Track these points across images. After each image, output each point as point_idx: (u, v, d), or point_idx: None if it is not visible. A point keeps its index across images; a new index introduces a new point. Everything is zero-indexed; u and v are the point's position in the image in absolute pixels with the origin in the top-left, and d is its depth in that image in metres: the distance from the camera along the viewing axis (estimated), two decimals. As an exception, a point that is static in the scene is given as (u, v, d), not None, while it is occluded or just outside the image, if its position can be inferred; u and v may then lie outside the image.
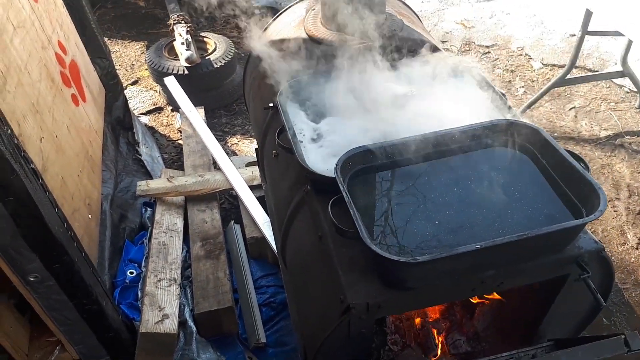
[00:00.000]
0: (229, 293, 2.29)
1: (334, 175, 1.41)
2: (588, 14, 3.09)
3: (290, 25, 2.22)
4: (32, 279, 1.59)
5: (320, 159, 1.71)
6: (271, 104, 1.92)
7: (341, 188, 1.36)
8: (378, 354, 1.82)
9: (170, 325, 2.08)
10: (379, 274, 1.31)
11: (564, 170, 1.43)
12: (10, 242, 1.47)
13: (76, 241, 1.72)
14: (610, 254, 2.82)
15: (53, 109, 2.35)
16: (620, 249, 2.85)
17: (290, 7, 2.33)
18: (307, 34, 2.09)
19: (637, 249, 2.84)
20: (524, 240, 1.23)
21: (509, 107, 1.73)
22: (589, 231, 1.44)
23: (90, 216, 2.47)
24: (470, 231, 1.38)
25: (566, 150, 1.45)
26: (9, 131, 1.39)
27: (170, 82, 3.61)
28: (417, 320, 1.96)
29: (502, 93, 1.83)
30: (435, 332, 1.94)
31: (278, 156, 1.93)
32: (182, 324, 2.22)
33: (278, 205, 1.92)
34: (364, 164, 1.52)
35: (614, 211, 3.06)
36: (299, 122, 1.84)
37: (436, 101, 1.83)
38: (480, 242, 1.19)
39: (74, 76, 2.83)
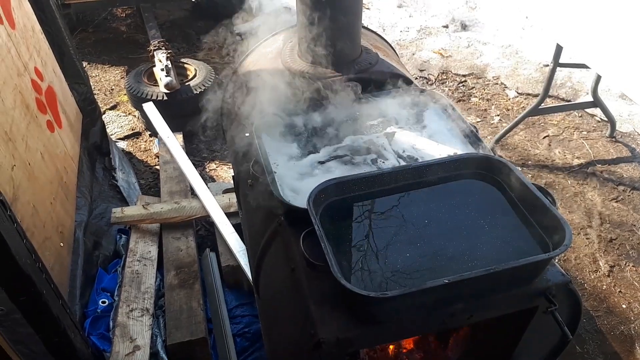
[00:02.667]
0: (203, 323, 2.25)
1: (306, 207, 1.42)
2: (559, 48, 3.18)
3: (268, 56, 2.25)
4: (-3, 312, 1.55)
5: (294, 189, 1.72)
6: (247, 134, 1.93)
7: (313, 220, 1.37)
8: (351, 386, 1.80)
9: (141, 358, 2.04)
10: (350, 308, 1.31)
11: (532, 204, 1.46)
12: (-25, 274, 1.44)
13: (45, 272, 1.69)
14: (582, 282, 2.87)
15: (27, 136, 2.33)
16: (592, 277, 2.89)
17: (267, 38, 2.36)
18: (283, 65, 2.12)
19: (608, 276, 2.89)
20: (492, 274, 1.25)
21: (480, 140, 1.76)
22: (556, 264, 1.47)
23: (62, 244, 2.43)
24: (441, 264, 1.40)
25: (533, 183, 1.48)
26: (-23, 162, 1.38)
27: (149, 108, 3.61)
28: (391, 350, 1.96)
29: (473, 126, 1.87)
30: (409, 363, 1.93)
31: (253, 186, 1.93)
32: (153, 355, 2.17)
33: (252, 235, 1.91)
34: (337, 196, 1.53)
35: (587, 239, 3.12)
36: (274, 153, 1.85)
37: (410, 135, 1.87)
38: (448, 277, 1.21)
39: (50, 102, 2.81)
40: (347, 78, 1.96)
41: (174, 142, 3.30)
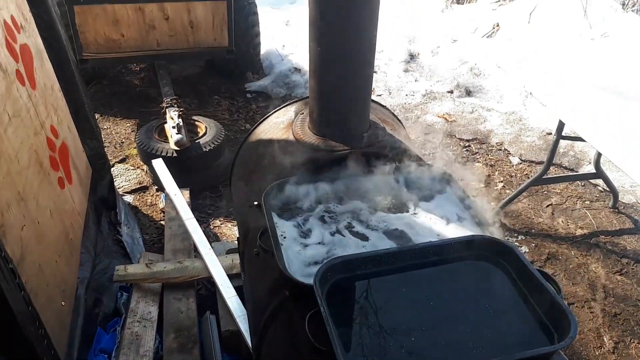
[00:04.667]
0: (201, 392, 2.22)
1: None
2: (561, 123, 3.27)
3: (279, 126, 2.31)
4: (-4, 379, 1.54)
5: (301, 264, 1.73)
6: (256, 202, 1.96)
7: (319, 302, 1.37)
8: None
9: None
10: (354, 394, 1.30)
11: (537, 292, 1.46)
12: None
13: (46, 338, 1.68)
14: (587, 358, 2.82)
15: (38, 194, 2.36)
16: (597, 353, 2.84)
17: (280, 108, 2.44)
18: (294, 136, 2.18)
19: (613, 352, 2.84)
20: (497, 365, 1.25)
21: (487, 223, 1.79)
22: (561, 352, 1.46)
23: (63, 303, 2.42)
24: (445, 350, 1.39)
25: (539, 270, 1.49)
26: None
27: (158, 164, 3.67)
28: None
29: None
30: None
31: (259, 255, 1.95)
32: None
33: (255, 305, 1.91)
34: (344, 274, 1.54)
35: (590, 312, 3.08)
36: (282, 224, 1.88)
37: (418, 215, 1.90)
38: (453, 370, 1.20)
39: (62, 159, 2.87)
40: (354, 152, 2.01)
41: (181, 200, 3.33)
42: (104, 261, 3.13)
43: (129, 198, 4.01)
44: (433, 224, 1.85)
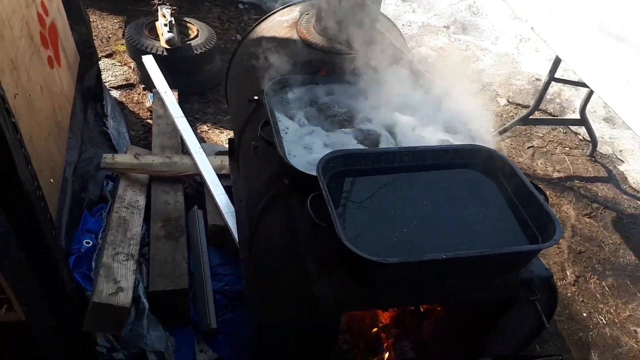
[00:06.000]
0: (185, 275, 2.29)
1: (313, 173, 1.48)
2: (557, 61, 3.29)
3: (283, 25, 2.27)
4: (-8, 232, 1.56)
5: (301, 157, 1.76)
6: (256, 97, 1.96)
7: (321, 185, 1.42)
8: (330, 350, 1.87)
9: (124, 299, 2.06)
10: (348, 271, 1.37)
11: (526, 199, 1.54)
12: (-19, 192, 1.45)
13: (43, 201, 1.70)
14: (548, 287, 3.01)
15: (29, 67, 2.30)
16: (558, 284, 3.03)
17: (284, 7, 2.38)
18: (299, 36, 2.15)
19: (574, 285, 3.04)
20: (484, 257, 1.33)
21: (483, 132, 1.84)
22: (541, 258, 1.56)
23: (52, 180, 2.42)
24: (435, 243, 1.47)
25: (530, 181, 1.57)
26: (-2, 82, 1.38)
27: (148, 61, 3.58)
28: (368, 323, 2.04)
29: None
30: (384, 336, 2.02)
31: (257, 148, 1.97)
32: (134, 299, 2.20)
33: (251, 196, 1.96)
34: (344, 167, 1.58)
35: (557, 248, 3.26)
36: (283, 120, 1.89)
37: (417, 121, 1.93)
38: (446, 253, 1.28)
39: (52, 38, 2.77)
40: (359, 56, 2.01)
41: (171, 98, 3.29)
42: (89, 150, 3.11)
43: (115, 93, 3.92)
44: (426, 131, 1.90)
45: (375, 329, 2.01)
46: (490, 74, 5.02)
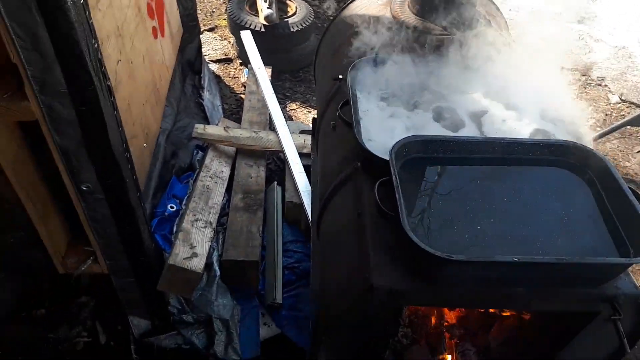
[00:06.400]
0: (258, 248, 2.35)
1: (386, 158, 1.43)
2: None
3: (377, 2, 2.21)
4: (84, 188, 1.68)
5: (377, 140, 1.72)
6: (340, 76, 1.93)
7: (392, 171, 1.37)
8: (386, 342, 1.84)
9: (198, 264, 2.16)
10: (410, 263, 1.32)
11: (622, 206, 1.39)
12: (75, 149, 1.56)
13: (131, 163, 1.80)
14: (643, 306, 2.73)
15: (134, 36, 2.43)
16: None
17: (381, -15, 2.31)
18: (392, 15, 2.08)
19: (673, 308, 2.73)
20: (560, 264, 1.22)
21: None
22: (631, 274, 1.41)
23: (145, 145, 2.57)
24: (510, 244, 1.37)
25: (630, 188, 1.41)
26: (96, 45, 1.46)
27: (246, 36, 3.67)
28: (433, 320, 1.97)
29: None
30: (447, 336, 1.94)
31: (335, 128, 1.95)
32: (207, 265, 2.30)
33: (324, 175, 1.94)
34: (420, 154, 1.52)
35: (659, 265, 2.94)
36: (365, 101, 1.85)
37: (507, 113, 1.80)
38: (518, 256, 1.19)
39: (158, 9, 2.92)
40: (453, 38, 1.90)
41: (263, 74, 3.35)
42: (184, 119, 3.26)
43: (213, 67, 4.07)
44: (517, 122, 1.76)
45: (438, 328, 1.93)
46: (604, 68, 4.60)
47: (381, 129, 1.74)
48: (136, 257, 2.01)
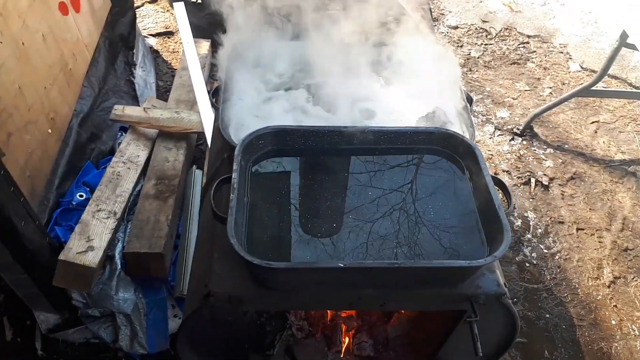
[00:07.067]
0: (164, 239, 2.24)
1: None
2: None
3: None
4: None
5: (251, 127, 1.59)
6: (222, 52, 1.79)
7: (234, 167, 1.25)
8: (273, 338, 1.75)
9: (92, 259, 2.05)
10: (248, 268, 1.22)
11: (484, 198, 1.28)
12: None
13: (3, 169, 1.68)
14: (576, 286, 2.66)
15: (26, 14, 2.27)
16: (590, 284, 2.66)
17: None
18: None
19: (608, 287, 2.66)
20: (400, 268, 1.12)
21: (469, 114, 1.56)
22: (497, 271, 1.31)
23: (50, 131, 2.44)
24: (365, 242, 1.27)
25: (493, 177, 1.29)
26: None
27: (178, 8, 3.47)
28: (329, 312, 1.88)
29: (469, 98, 1.65)
30: (344, 328, 1.86)
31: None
32: (110, 258, 2.20)
33: (209, 164, 1.83)
34: (279, 146, 1.40)
35: (599, 242, 2.85)
36: (242, 81, 1.71)
37: (393, 94, 1.67)
38: (345, 262, 1.08)
39: (68, -16, 2.74)
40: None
41: (192, 49, 3.19)
42: (111, 99, 3.11)
43: (152, 41, 3.89)
44: (409, 107, 1.63)
45: (335, 320, 1.85)
46: (566, 35, 4.41)
47: (256, 116, 1.62)
48: (20, 253, 1.91)
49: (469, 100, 1.63)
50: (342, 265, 1.07)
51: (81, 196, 2.45)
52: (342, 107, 1.59)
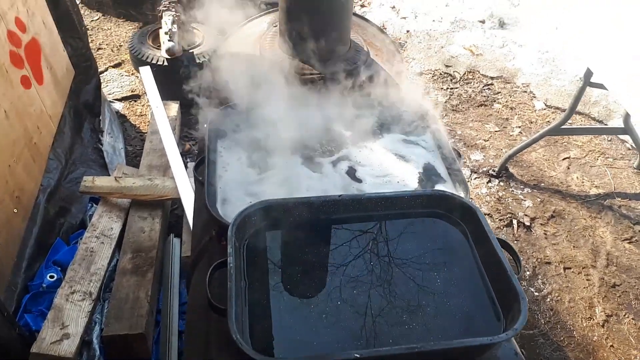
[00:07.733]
0: (145, 317, 2.10)
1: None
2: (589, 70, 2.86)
3: (248, 39, 2.02)
4: None
5: (240, 202, 1.52)
6: (205, 125, 1.72)
7: (229, 250, 1.17)
8: None
9: (69, 348, 1.90)
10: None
11: (493, 264, 1.22)
12: None
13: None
14: (572, 328, 2.62)
15: (-13, 91, 2.18)
16: (584, 324, 2.63)
17: (254, 18, 2.13)
18: (261, 53, 1.90)
19: (602, 326, 2.63)
20: (421, 353, 1.04)
21: (459, 173, 1.52)
22: (512, 339, 1.24)
23: (16, 210, 2.30)
24: (372, 325, 1.19)
25: (499, 239, 1.24)
26: None
27: (145, 72, 3.43)
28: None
29: (458, 153, 1.62)
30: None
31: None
32: (87, 343, 2.04)
33: (193, 240, 1.73)
34: (269, 221, 1.32)
35: (587, 280, 2.84)
36: (227, 153, 1.64)
37: (381, 155, 1.63)
38: (360, 352, 1.00)
39: (31, 57, 2.65)
40: (322, 78, 1.73)
41: (162, 113, 3.12)
42: (79, 169, 2.99)
43: (118, 106, 3.81)
44: (399, 170, 1.59)
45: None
46: (528, 74, 4.55)
47: (244, 192, 1.54)
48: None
49: (458, 154, 1.60)
50: (357, 355, 0.99)
51: (52, 277, 2.30)
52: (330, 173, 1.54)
